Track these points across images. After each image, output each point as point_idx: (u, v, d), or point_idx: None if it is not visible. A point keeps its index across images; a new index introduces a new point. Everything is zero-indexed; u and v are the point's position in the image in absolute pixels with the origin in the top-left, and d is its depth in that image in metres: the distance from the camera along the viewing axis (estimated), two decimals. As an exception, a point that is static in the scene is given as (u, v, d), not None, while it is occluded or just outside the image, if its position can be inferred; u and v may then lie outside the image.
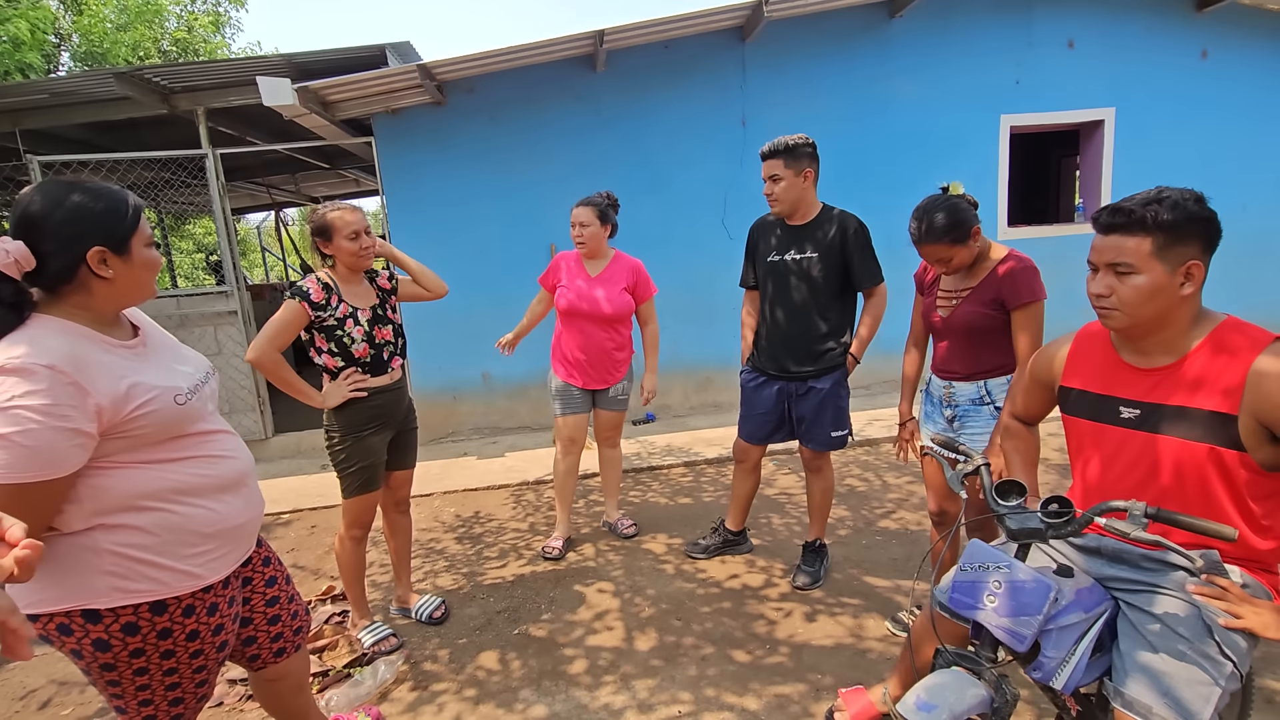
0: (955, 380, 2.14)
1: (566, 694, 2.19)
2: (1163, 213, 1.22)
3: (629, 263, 3.04)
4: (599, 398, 3.12)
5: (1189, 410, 1.27)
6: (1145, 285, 1.25)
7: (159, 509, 1.24)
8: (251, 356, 2.13)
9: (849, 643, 2.35)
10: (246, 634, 1.56)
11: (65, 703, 2.35)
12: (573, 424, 3.09)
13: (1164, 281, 1.25)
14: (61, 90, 4.52)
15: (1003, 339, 2.03)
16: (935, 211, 1.98)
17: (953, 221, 1.96)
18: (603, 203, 2.95)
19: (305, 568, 3.29)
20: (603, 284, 2.96)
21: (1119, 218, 1.26)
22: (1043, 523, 1.27)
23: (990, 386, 2.08)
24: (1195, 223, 1.23)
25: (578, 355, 2.99)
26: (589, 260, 3.02)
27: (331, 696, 2.20)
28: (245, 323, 4.92)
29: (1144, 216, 1.23)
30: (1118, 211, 1.27)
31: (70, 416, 1.12)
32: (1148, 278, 1.25)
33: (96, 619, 1.22)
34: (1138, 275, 1.26)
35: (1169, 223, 1.22)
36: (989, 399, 2.07)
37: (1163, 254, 1.24)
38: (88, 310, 1.25)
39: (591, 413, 3.18)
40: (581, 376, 3.03)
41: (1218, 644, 1.20)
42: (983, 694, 1.26)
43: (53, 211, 1.19)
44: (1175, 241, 1.23)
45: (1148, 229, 1.24)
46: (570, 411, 3.08)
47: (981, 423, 2.09)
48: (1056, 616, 1.27)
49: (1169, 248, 1.24)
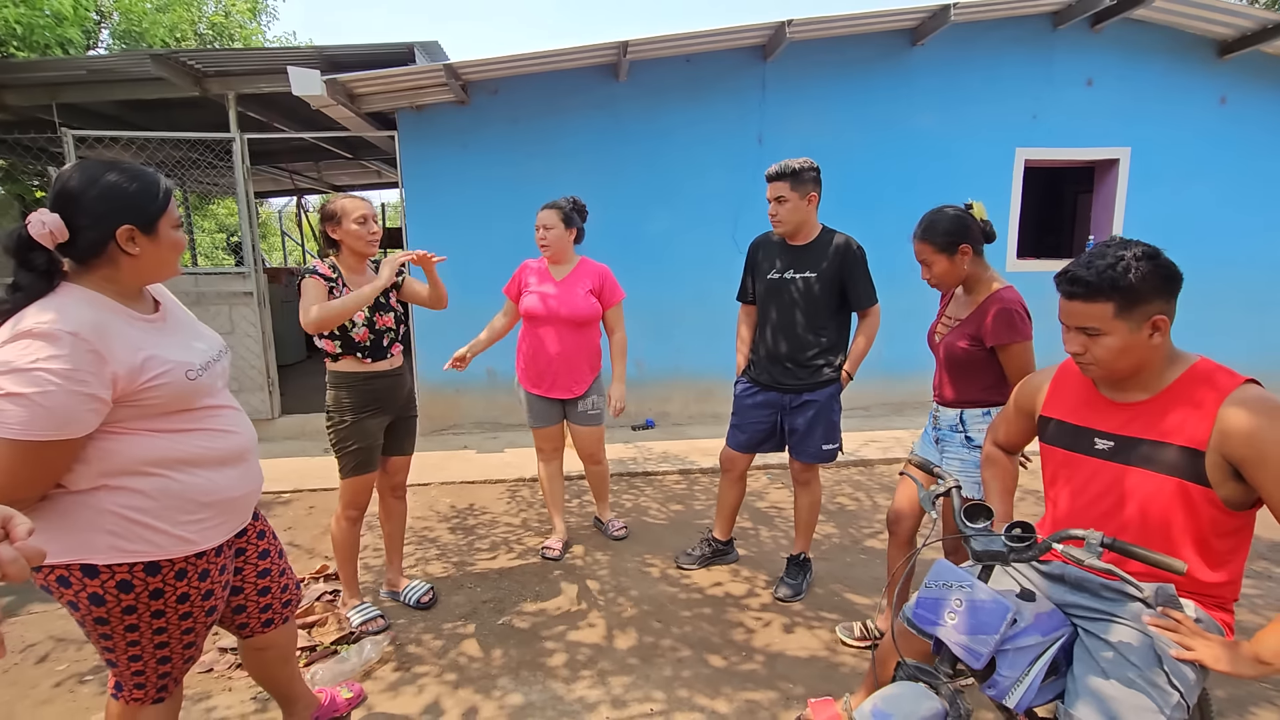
0: (941, 405, 2.21)
1: (543, 685, 2.24)
2: (1118, 279, 1.27)
3: (595, 267, 3.00)
4: (570, 412, 3.06)
5: (1160, 445, 1.32)
6: (1114, 344, 1.31)
7: (161, 475, 1.32)
8: (308, 323, 2.19)
9: (823, 655, 2.40)
10: (237, 603, 1.63)
11: (62, 658, 2.43)
12: (545, 435, 3.09)
13: (1131, 339, 1.30)
14: (99, 68, 4.66)
15: (984, 374, 2.07)
16: (937, 214, 2.06)
17: (945, 229, 2.03)
18: (567, 206, 2.92)
19: (300, 546, 3.37)
20: (568, 287, 2.92)
21: (1078, 287, 1.31)
22: (1005, 546, 1.32)
23: (965, 418, 2.13)
24: (1150, 281, 1.28)
25: (543, 362, 2.94)
26: (554, 265, 2.97)
27: (317, 670, 2.27)
28: (260, 304, 5.03)
29: (1100, 285, 1.28)
30: (1075, 281, 1.31)
31: (88, 382, 1.20)
32: (1115, 338, 1.31)
33: (94, 574, 1.29)
34: (1106, 336, 1.31)
35: (1126, 287, 1.27)
36: (962, 428, 2.12)
37: (1125, 315, 1.29)
38: (114, 284, 1.33)
39: (565, 427, 3.14)
40: (547, 385, 2.97)
41: (1166, 674, 1.24)
42: (937, 707, 1.31)
43: (88, 189, 1.27)
44: (1135, 302, 1.28)
45: (1106, 295, 1.29)
46: (541, 425, 3.06)
47: (954, 449, 2.15)
48: (1014, 637, 1.32)
49: (1130, 309, 1.29)
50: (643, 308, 5.30)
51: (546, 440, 3.11)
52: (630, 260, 5.26)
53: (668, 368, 5.48)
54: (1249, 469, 1.21)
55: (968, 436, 2.10)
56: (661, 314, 5.32)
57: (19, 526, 0.82)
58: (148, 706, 1.47)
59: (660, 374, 5.49)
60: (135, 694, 1.45)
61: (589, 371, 3.01)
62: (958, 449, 2.13)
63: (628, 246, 5.24)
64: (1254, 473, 1.21)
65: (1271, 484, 1.19)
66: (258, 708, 2.13)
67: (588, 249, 3.16)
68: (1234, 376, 1.30)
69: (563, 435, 3.16)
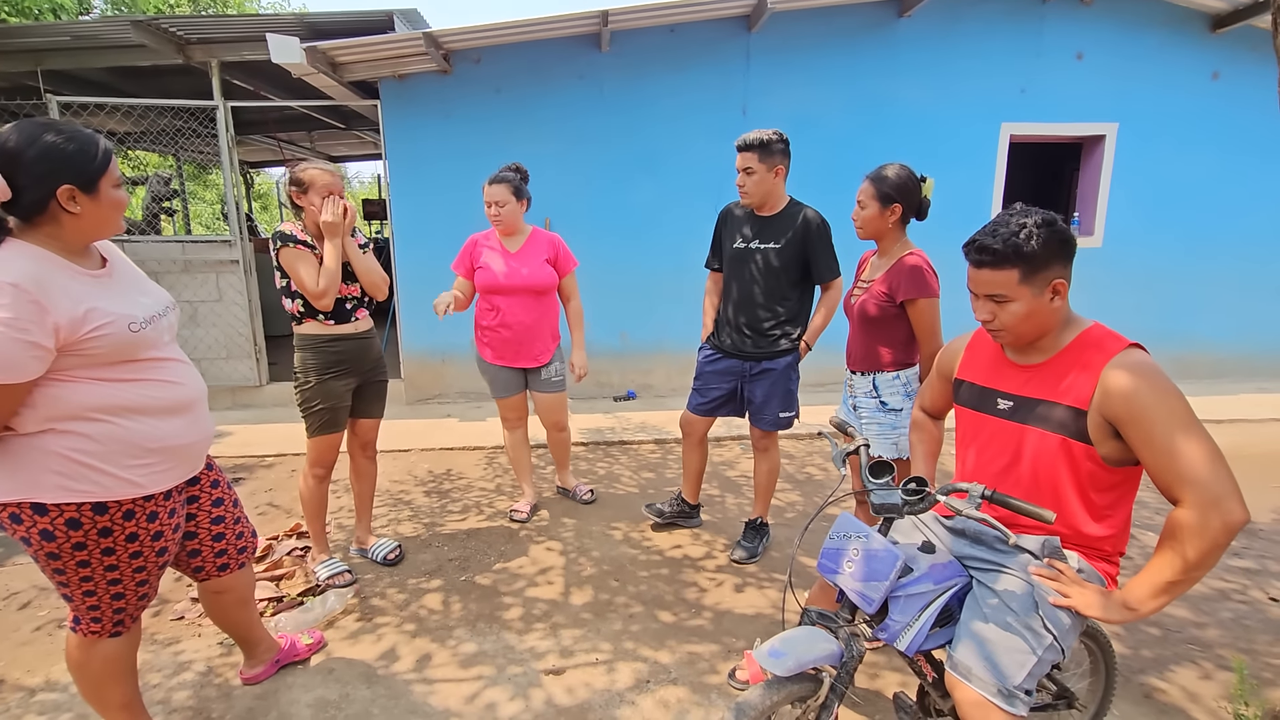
0: (855, 373, 2.30)
1: (497, 636, 2.35)
2: (1021, 246, 1.33)
3: (548, 236, 3.03)
4: (533, 381, 3.11)
5: (1050, 404, 1.39)
6: (1020, 310, 1.38)
7: (105, 420, 1.40)
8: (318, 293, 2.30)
9: (769, 613, 2.49)
10: (192, 546, 1.72)
11: (44, 605, 2.55)
12: (510, 404, 3.14)
13: (1035, 304, 1.37)
14: (82, 34, 4.68)
15: (894, 333, 2.15)
16: (896, 167, 2.16)
17: (892, 182, 2.13)
18: (515, 179, 2.90)
19: (279, 506, 3.48)
20: (523, 259, 2.94)
21: (985, 255, 1.38)
22: (901, 500, 1.39)
23: (878, 382, 2.22)
24: (1050, 247, 1.34)
25: (504, 334, 2.96)
26: (506, 238, 2.98)
27: (281, 619, 2.39)
28: (246, 272, 5.10)
29: (1005, 252, 1.35)
30: (983, 250, 1.38)
31: (29, 330, 1.27)
32: (1021, 303, 1.37)
33: (43, 511, 1.38)
34: (1012, 303, 1.38)
35: (1029, 254, 1.33)
36: (876, 393, 2.19)
37: (1029, 280, 1.36)
38: (57, 240, 1.40)
39: (528, 395, 3.20)
40: (509, 355, 3.01)
41: (1042, 619, 1.32)
42: (833, 648, 1.39)
43: (27, 149, 1.33)
44: (1038, 268, 1.35)
45: (1012, 263, 1.35)
46: (504, 394, 3.11)
47: (870, 414, 2.24)
48: (906, 585, 1.40)
49: (1033, 274, 1.35)
50: (626, 279, 5.36)
51: (511, 409, 3.18)
52: (613, 231, 5.30)
53: (651, 340, 5.54)
54: (1124, 428, 1.28)
55: (882, 401, 2.19)
56: (645, 286, 5.37)
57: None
58: (105, 640, 1.58)
59: (643, 346, 5.55)
60: (93, 627, 1.56)
61: (551, 340, 3.08)
62: (874, 413, 2.22)
63: (611, 217, 5.27)
64: (1128, 431, 1.27)
65: (1141, 442, 1.26)
66: (223, 652, 2.24)
67: (572, 220, 3.20)
68: (1120, 340, 1.36)
69: (526, 404, 3.23)
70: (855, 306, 2.24)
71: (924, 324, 2.09)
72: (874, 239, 2.23)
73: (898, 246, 2.19)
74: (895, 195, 2.11)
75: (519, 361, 3.04)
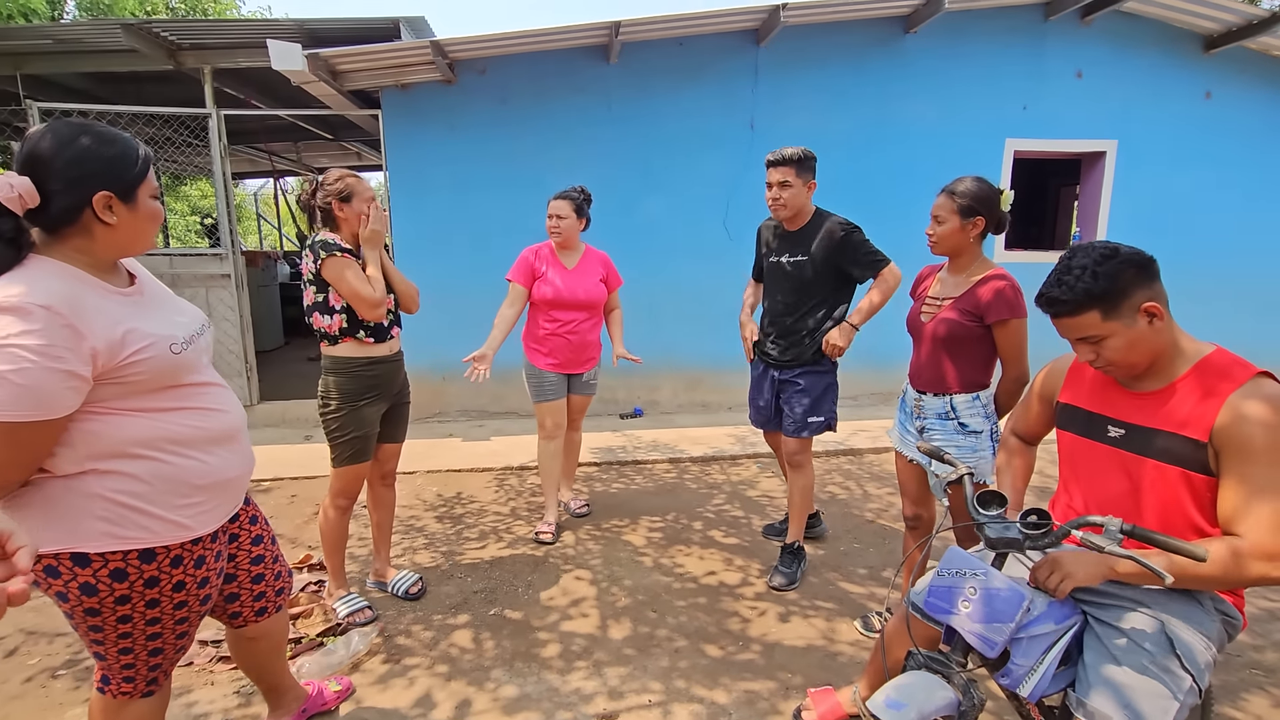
0: (925, 394, 2.18)
1: (538, 676, 2.20)
2: (1090, 289, 1.28)
3: (599, 255, 3.24)
4: (573, 382, 3.25)
5: (1169, 434, 1.31)
6: (1119, 344, 1.31)
7: (152, 458, 1.24)
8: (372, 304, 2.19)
9: (820, 644, 2.38)
10: (230, 590, 1.56)
11: (33, 652, 2.33)
12: (556, 409, 3.18)
13: (1131, 333, 1.30)
14: (66, 37, 4.45)
15: (974, 354, 2.06)
16: (974, 179, 2.05)
17: (974, 194, 2.02)
18: (579, 197, 3.08)
19: (283, 536, 3.28)
20: (581, 275, 3.12)
21: (1058, 307, 1.33)
22: (1021, 533, 1.30)
23: (956, 403, 2.10)
24: (1121, 277, 1.27)
25: (562, 343, 3.11)
26: (563, 252, 3.13)
27: (303, 663, 2.20)
28: (238, 287, 4.88)
29: (1076, 299, 1.29)
30: (1054, 302, 1.33)
31: (64, 358, 1.12)
32: (1117, 338, 1.31)
33: (85, 563, 1.22)
34: (1107, 339, 1.31)
35: (1100, 293, 1.27)
36: (954, 415, 2.10)
37: (1113, 315, 1.29)
38: (87, 255, 1.25)
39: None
40: (564, 363, 3.15)
41: (1179, 658, 1.23)
42: (951, 696, 1.29)
43: (61, 151, 1.18)
44: (1117, 301, 1.28)
45: (1086, 306, 1.29)
46: (553, 397, 3.17)
47: (946, 436, 2.11)
48: (1028, 626, 1.30)
49: (1114, 308, 1.29)
50: (632, 295, 5.21)
51: (555, 413, 3.17)
52: (620, 246, 5.14)
53: (657, 356, 5.41)
54: (1228, 454, 1.22)
55: (961, 423, 2.08)
56: (651, 301, 5.26)
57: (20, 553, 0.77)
58: (136, 700, 1.40)
59: (649, 362, 5.39)
60: (124, 687, 1.38)
61: (597, 348, 3.25)
62: (951, 435, 2.10)
63: (617, 232, 5.14)
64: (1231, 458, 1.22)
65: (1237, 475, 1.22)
66: (241, 702, 2.06)
67: (578, 233, 3.17)
68: (1247, 368, 1.29)
69: (565, 411, 3.24)
70: (929, 325, 2.13)
71: (1013, 345, 2.00)
72: (951, 254, 2.13)
73: (977, 264, 2.10)
74: (979, 208, 2.01)
75: (571, 368, 3.18)
